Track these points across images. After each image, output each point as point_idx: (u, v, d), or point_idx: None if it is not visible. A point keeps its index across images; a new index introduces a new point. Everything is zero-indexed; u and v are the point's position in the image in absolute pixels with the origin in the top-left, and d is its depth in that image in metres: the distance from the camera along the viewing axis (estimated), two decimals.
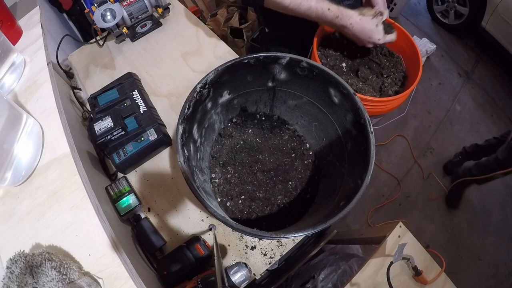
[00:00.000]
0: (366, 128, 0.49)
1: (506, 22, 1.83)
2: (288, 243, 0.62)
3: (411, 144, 1.79)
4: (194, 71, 0.84)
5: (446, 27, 2.31)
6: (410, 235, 0.60)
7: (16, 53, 0.68)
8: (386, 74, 0.74)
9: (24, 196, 0.52)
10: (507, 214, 1.62)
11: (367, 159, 0.47)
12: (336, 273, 0.76)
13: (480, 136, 1.86)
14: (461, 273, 1.45)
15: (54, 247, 0.46)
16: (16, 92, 0.65)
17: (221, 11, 1.76)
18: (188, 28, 0.93)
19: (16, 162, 0.52)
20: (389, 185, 1.67)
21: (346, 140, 0.58)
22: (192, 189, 0.43)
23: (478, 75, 2.13)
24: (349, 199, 0.44)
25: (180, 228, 0.62)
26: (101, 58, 0.89)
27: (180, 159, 0.45)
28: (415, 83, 0.65)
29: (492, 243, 1.53)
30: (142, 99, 0.72)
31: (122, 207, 0.59)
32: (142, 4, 0.87)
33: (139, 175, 0.68)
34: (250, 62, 0.56)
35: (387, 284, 0.52)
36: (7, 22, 0.72)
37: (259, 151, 0.68)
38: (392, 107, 0.69)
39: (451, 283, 0.57)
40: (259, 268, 0.59)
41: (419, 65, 0.68)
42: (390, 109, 0.70)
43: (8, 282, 0.39)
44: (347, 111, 0.55)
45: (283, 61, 0.57)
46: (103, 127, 0.64)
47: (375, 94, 0.72)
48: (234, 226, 0.41)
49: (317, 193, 0.64)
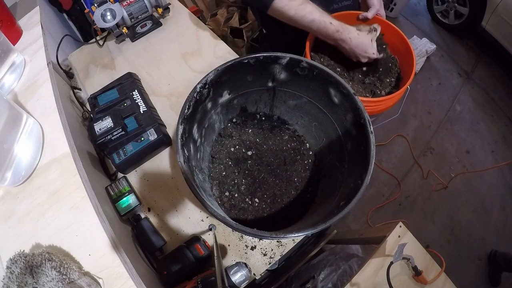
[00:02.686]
0: (366, 128, 0.49)
1: (506, 22, 1.83)
2: (288, 243, 0.62)
3: (411, 144, 1.79)
4: (194, 71, 0.84)
5: (446, 27, 2.31)
6: (410, 235, 0.60)
7: (16, 53, 0.68)
8: (380, 75, 0.74)
9: (24, 196, 0.52)
10: (507, 214, 1.62)
11: (367, 159, 0.47)
12: (336, 273, 0.76)
13: (480, 136, 1.86)
14: (461, 273, 1.44)
15: (54, 247, 0.46)
16: (16, 92, 0.65)
17: (221, 11, 1.76)
18: (188, 28, 0.93)
19: (16, 162, 0.52)
20: (389, 185, 1.67)
21: (346, 140, 0.58)
22: (192, 189, 0.43)
23: (478, 75, 2.12)
24: (349, 199, 0.44)
25: (180, 228, 0.62)
26: (101, 58, 0.89)
27: (180, 159, 0.45)
28: (407, 84, 0.66)
29: (492, 243, 1.53)
30: (142, 99, 0.72)
31: (122, 207, 0.59)
32: (142, 4, 0.87)
33: (139, 175, 0.68)
34: (250, 62, 0.56)
35: (387, 284, 0.52)
36: (7, 22, 0.72)
37: (259, 151, 0.68)
38: (384, 107, 0.69)
39: (451, 283, 0.57)
40: (259, 268, 0.59)
41: (413, 66, 0.68)
42: (382, 110, 0.70)
43: (8, 282, 0.39)
44: (347, 111, 0.55)
45: (283, 61, 0.57)
46: (103, 127, 0.64)
47: (367, 95, 0.72)
48: (234, 226, 0.41)
49: (317, 193, 0.64)
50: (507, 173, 1.73)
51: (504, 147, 1.83)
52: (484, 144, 1.84)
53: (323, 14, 0.64)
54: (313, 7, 0.64)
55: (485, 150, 1.82)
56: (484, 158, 1.79)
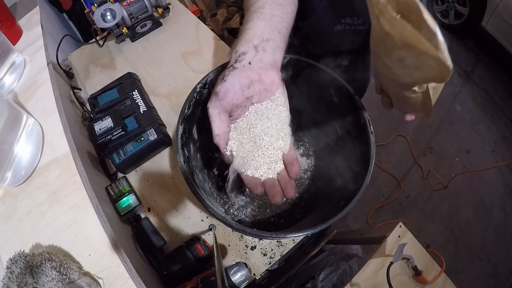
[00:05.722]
0: (366, 128, 0.49)
1: (506, 22, 1.83)
2: (288, 243, 0.62)
3: (411, 144, 1.79)
4: (194, 71, 0.84)
5: (446, 27, 2.31)
6: (410, 235, 0.60)
7: (16, 53, 0.68)
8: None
9: (24, 196, 0.52)
10: (507, 214, 1.62)
11: (367, 159, 0.47)
12: (336, 273, 0.76)
13: (480, 136, 1.86)
14: (461, 273, 1.45)
15: (54, 247, 0.46)
16: (16, 92, 0.65)
17: (221, 11, 1.76)
18: (188, 28, 0.93)
19: (16, 162, 0.52)
20: (389, 185, 1.67)
21: (346, 140, 0.58)
22: (192, 189, 0.43)
23: (478, 75, 2.12)
24: (349, 199, 0.44)
25: (180, 228, 0.62)
26: (101, 58, 0.89)
27: (180, 159, 0.45)
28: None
29: (492, 243, 1.53)
30: (142, 99, 0.72)
31: (122, 207, 0.59)
32: (142, 4, 0.87)
33: (139, 175, 0.68)
34: None
35: (387, 284, 0.52)
36: (7, 22, 0.72)
37: None
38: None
39: (451, 283, 0.57)
40: (259, 268, 0.59)
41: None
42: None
43: (8, 282, 0.39)
44: (347, 111, 0.55)
45: (283, 61, 0.57)
46: (103, 127, 0.64)
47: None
48: (234, 226, 0.41)
49: (317, 193, 0.64)
50: (507, 173, 1.73)
51: (504, 147, 1.83)
52: (484, 144, 1.84)
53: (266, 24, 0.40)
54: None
55: (485, 150, 1.82)
56: (484, 158, 1.79)
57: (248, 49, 0.38)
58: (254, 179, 0.39)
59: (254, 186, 0.39)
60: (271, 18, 0.41)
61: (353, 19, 0.63)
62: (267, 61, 0.39)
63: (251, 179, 0.39)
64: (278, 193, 0.38)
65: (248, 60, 0.38)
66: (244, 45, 0.38)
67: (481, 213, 1.61)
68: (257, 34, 0.39)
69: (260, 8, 0.41)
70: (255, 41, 0.39)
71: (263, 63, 0.39)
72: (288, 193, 0.39)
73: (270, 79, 0.40)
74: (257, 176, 0.39)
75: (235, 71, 0.37)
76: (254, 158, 0.40)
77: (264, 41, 0.39)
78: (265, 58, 0.39)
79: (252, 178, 0.39)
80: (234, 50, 0.39)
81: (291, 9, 0.45)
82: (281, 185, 0.39)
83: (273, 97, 0.41)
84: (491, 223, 1.59)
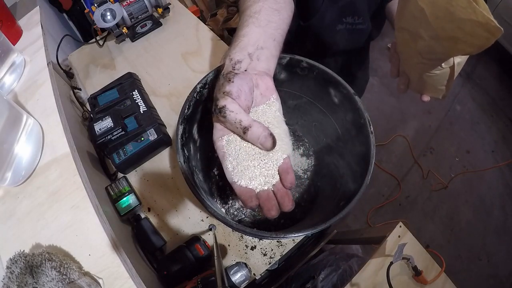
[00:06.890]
0: (366, 128, 0.49)
1: (506, 22, 1.83)
2: (288, 243, 0.62)
3: (411, 144, 1.79)
4: (194, 71, 0.84)
5: None
6: (410, 235, 0.60)
7: (16, 53, 0.68)
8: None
9: (24, 196, 0.52)
10: (507, 214, 1.62)
11: (367, 159, 0.47)
12: (336, 273, 0.76)
13: (480, 136, 1.86)
14: (461, 273, 1.45)
15: (54, 247, 0.46)
16: (16, 92, 0.65)
17: (221, 11, 1.76)
18: (188, 28, 0.93)
19: (16, 162, 0.52)
20: (389, 185, 1.67)
21: (346, 140, 0.58)
22: (192, 189, 0.43)
23: (478, 75, 2.12)
24: (349, 199, 0.44)
25: (180, 228, 0.62)
26: (101, 58, 0.89)
27: (180, 159, 0.45)
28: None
29: (492, 243, 1.53)
30: (142, 99, 0.72)
31: (122, 207, 0.59)
32: (142, 4, 0.87)
33: (139, 175, 0.68)
34: None
35: (387, 284, 0.52)
36: (7, 22, 0.72)
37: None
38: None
39: (451, 283, 0.57)
40: (259, 268, 0.59)
41: None
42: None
43: (8, 282, 0.39)
44: (347, 111, 0.55)
45: (283, 61, 0.57)
46: (103, 127, 0.64)
47: None
48: (234, 226, 0.41)
49: (317, 193, 0.64)
50: (507, 173, 1.73)
51: (504, 147, 1.83)
52: (484, 144, 1.84)
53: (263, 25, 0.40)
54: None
55: (485, 150, 1.82)
56: (484, 158, 1.79)
57: (242, 57, 0.38)
58: (248, 191, 0.35)
59: (248, 198, 0.35)
60: (267, 25, 0.40)
61: (354, 18, 0.63)
62: (261, 69, 0.39)
63: (245, 190, 0.35)
64: (274, 206, 0.35)
65: (243, 69, 0.38)
66: (239, 53, 0.38)
67: (481, 213, 1.61)
68: (252, 41, 0.38)
69: (256, 13, 0.40)
70: (250, 49, 0.38)
71: (257, 70, 0.39)
72: (286, 206, 0.35)
73: (265, 85, 0.39)
74: (251, 187, 0.35)
75: (239, 74, 0.36)
76: (249, 168, 0.36)
77: (258, 49, 0.39)
78: (259, 67, 0.39)
79: (246, 190, 0.35)
80: (229, 58, 0.39)
81: (288, 14, 0.44)
82: (277, 198, 0.35)
83: (269, 102, 0.40)
84: (491, 223, 1.59)
